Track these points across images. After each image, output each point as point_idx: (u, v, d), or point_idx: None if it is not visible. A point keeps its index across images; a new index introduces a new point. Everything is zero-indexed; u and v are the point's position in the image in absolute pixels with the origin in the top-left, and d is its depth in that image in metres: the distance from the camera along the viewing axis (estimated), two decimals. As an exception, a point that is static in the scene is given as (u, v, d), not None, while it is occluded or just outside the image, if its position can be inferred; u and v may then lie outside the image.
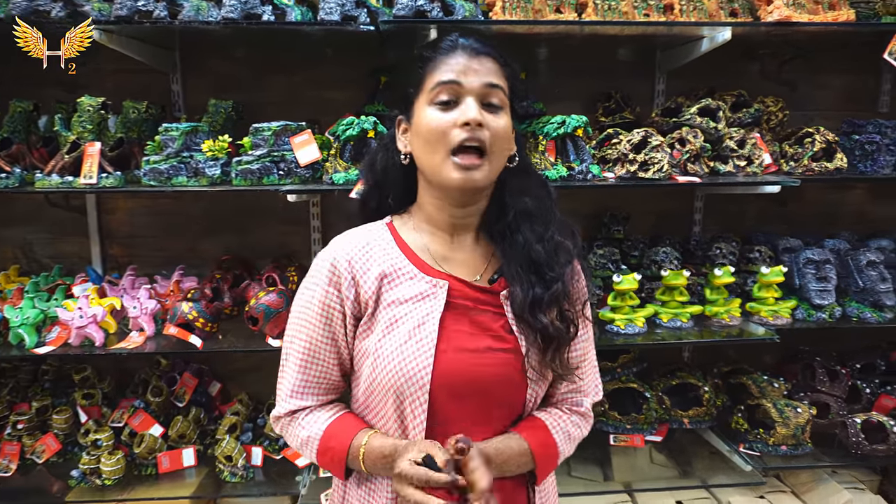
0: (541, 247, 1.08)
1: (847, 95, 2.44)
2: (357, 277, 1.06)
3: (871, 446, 2.17)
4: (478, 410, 1.07)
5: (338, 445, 1.06)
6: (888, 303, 2.09)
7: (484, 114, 1.01)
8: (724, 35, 1.86)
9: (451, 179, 1.01)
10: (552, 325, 1.06)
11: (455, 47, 1.04)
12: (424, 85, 1.04)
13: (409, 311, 1.05)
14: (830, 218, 2.54)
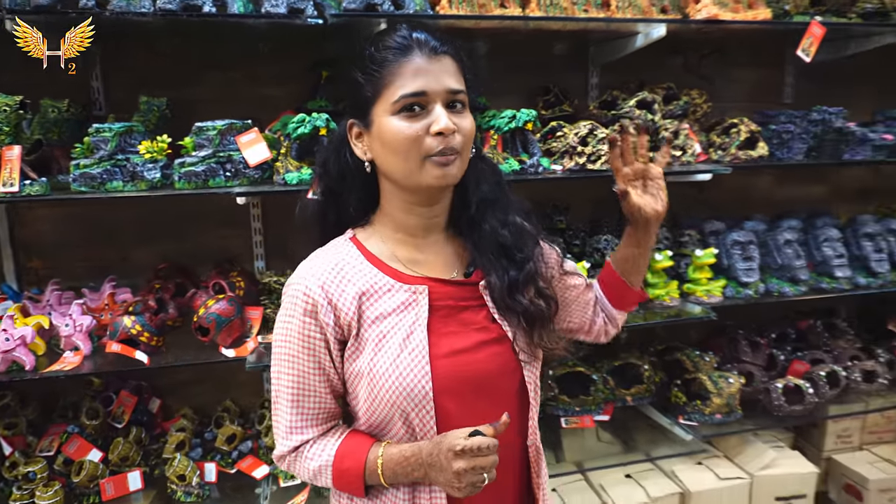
0: (506, 231, 1.08)
1: (756, 88, 2.64)
2: (334, 301, 1.01)
3: (791, 407, 2.38)
4: (482, 405, 1.06)
5: (353, 465, 1.03)
6: (802, 277, 2.30)
7: (452, 117, 0.98)
8: (660, 31, 1.97)
9: (429, 180, 0.99)
10: (532, 305, 1.07)
11: (411, 47, 0.98)
12: (384, 94, 0.98)
13: (395, 324, 1.03)
14: (744, 202, 2.75)
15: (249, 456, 2.15)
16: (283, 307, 1.05)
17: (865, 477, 2.51)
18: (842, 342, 2.69)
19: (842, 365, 2.53)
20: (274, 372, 1.07)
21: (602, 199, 2.56)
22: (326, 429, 1.09)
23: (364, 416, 1.07)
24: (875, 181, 2.88)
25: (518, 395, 1.12)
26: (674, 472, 2.36)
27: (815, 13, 2.09)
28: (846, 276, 2.34)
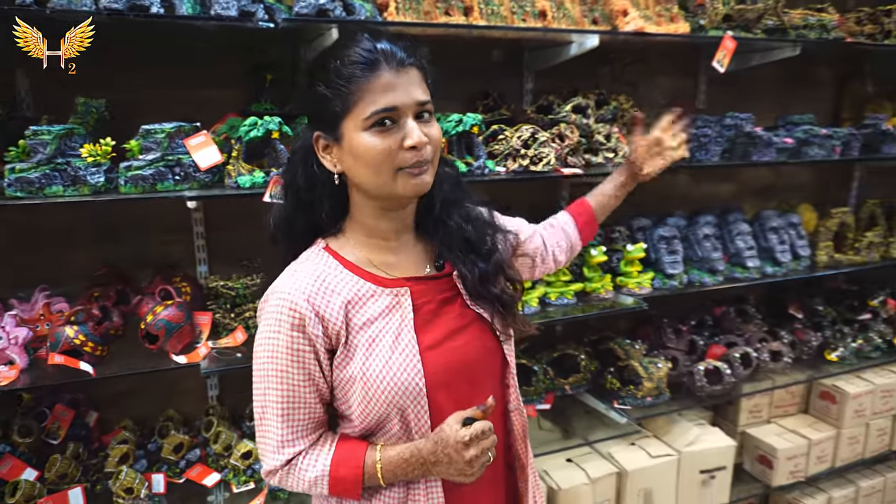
0: (470, 226, 1.17)
1: (673, 94, 2.85)
2: (321, 313, 1.04)
3: (712, 387, 2.60)
4: (469, 388, 1.14)
5: (350, 472, 1.07)
6: (719, 268, 2.52)
7: (422, 128, 1.01)
8: (593, 42, 2.10)
9: (404, 190, 1.03)
10: (504, 292, 1.17)
11: (378, 61, 0.99)
12: (354, 110, 0.99)
13: (382, 327, 1.07)
14: (664, 199, 2.96)
15: (198, 464, 2.10)
16: (265, 322, 1.06)
17: (774, 447, 2.78)
18: (751, 326, 2.95)
19: (752, 347, 2.78)
20: (259, 388, 1.07)
21: (541, 201, 2.69)
22: (316, 438, 1.12)
23: (359, 418, 1.10)
24: (776, 180, 3.18)
25: (500, 371, 1.19)
26: (610, 453, 2.52)
27: (727, 28, 2.29)
28: (756, 266, 2.58)
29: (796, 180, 3.23)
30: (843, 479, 3.01)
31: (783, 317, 3.11)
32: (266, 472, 1.11)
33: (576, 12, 2.19)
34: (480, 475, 1.05)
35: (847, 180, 3.34)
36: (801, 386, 2.97)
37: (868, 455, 3.02)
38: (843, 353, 2.92)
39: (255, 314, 2.02)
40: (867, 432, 2.98)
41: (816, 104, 3.16)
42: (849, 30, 2.58)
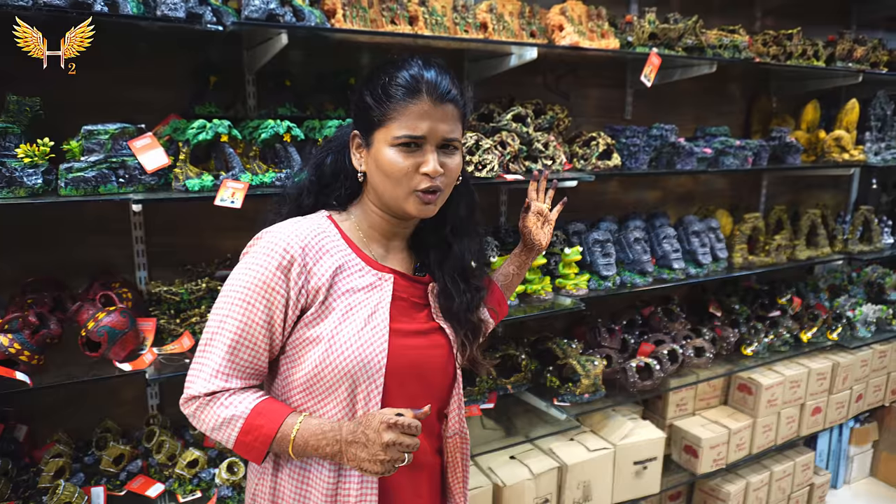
0: (470, 257, 1.24)
1: (603, 105, 3.02)
2: (310, 266, 1.09)
3: (643, 383, 2.76)
4: (418, 389, 1.20)
5: (267, 424, 1.07)
6: (649, 269, 2.69)
7: (441, 157, 1.10)
8: (532, 54, 2.21)
9: (411, 210, 1.12)
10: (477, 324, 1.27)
11: (420, 91, 1.07)
12: (388, 126, 1.08)
13: (362, 301, 1.13)
14: (596, 205, 3.13)
15: (140, 476, 2.04)
16: (252, 255, 1.09)
17: (699, 437, 2.97)
18: (677, 325, 3.14)
19: (678, 344, 2.96)
20: (218, 314, 1.09)
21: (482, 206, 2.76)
22: (248, 385, 1.13)
23: (301, 383, 1.12)
24: (696, 187, 3.42)
25: (447, 388, 1.27)
26: (551, 449, 2.62)
27: (652, 45, 2.47)
28: (681, 267, 2.76)
29: (714, 187, 3.48)
30: (758, 464, 3.25)
31: (704, 315, 3.33)
32: (185, 398, 1.10)
33: (515, 26, 2.30)
34: (388, 473, 1.02)
35: (757, 188, 3.63)
36: (722, 379, 3.19)
37: (780, 441, 3.27)
38: (757, 347, 3.16)
39: (200, 319, 1.99)
40: (779, 420, 3.23)
41: (730, 118, 3.43)
42: (757, 50, 2.83)
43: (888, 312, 3.57)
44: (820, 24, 3.56)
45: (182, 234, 2.23)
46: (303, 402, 1.14)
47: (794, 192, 3.78)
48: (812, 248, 3.29)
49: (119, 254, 2.16)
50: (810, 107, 3.32)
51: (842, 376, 3.37)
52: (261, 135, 1.84)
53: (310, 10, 1.86)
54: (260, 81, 2.22)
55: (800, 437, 3.38)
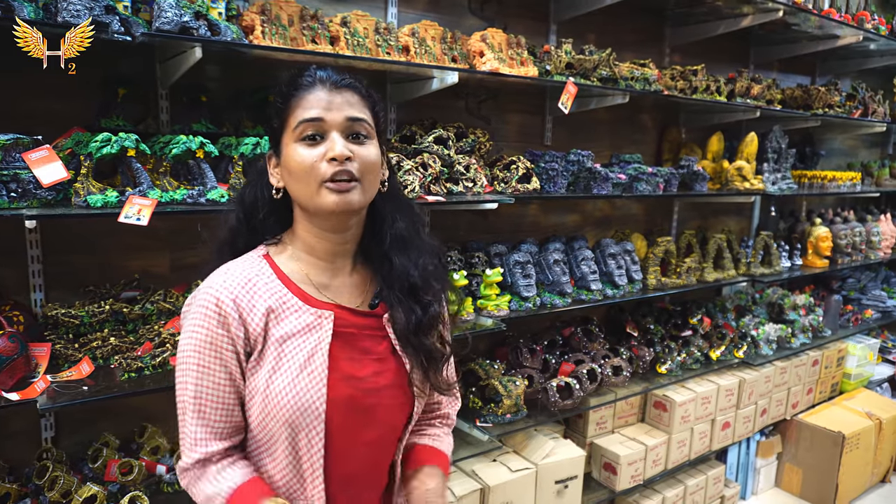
0: (416, 272, 1.15)
1: (524, 130, 3.10)
2: (244, 315, 1.05)
3: (563, 402, 2.81)
4: (368, 432, 1.13)
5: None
6: (568, 291, 2.75)
7: (351, 146, 1.05)
8: (453, 78, 2.25)
9: (327, 204, 1.04)
10: (434, 346, 1.16)
11: (314, 82, 1.06)
12: (288, 123, 1.06)
13: (297, 345, 1.07)
14: (517, 227, 3.19)
15: (28, 517, 1.87)
16: (192, 316, 1.06)
17: (617, 454, 3.04)
18: (596, 345, 3.23)
19: (597, 363, 3.04)
20: (179, 383, 1.06)
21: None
22: (234, 443, 1.10)
23: (252, 434, 1.11)
24: (612, 211, 3.56)
25: (403, 426, 1.20)
26: (474, 471, 2.61)
27: (569, 75, 2.57)
28: (599, 288, 2.85)
29: (629, 212, 3.63)
30: (674, 479, 3.36)
31: (622, 335, 3.44)
32: (180, 469, 1.08)
33: (437, 50, 2.34)
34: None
35: (669, 213, 3.82)
36: (639, 397, 3.30)
37: (693, 456, 3.40)
38: (671, 366, 3.29)
39: (102, 343, 1.87)
40: (692, 436, 3.36)
41: (643, 146, 3.60)
42: (665, 84, 3.01)
43: (787, 331, 3.81)
44: (722, 63, 3.82)
45: (84, 254, 2.10)
46: (254, 450, 1.13)
47: (702, 217, 4.00)
48: (719, 271, 3.48)
49: (12, 274, 2.01)
50: (715, 138, 3.54)
51: (748, 392, 3.56)
52: (172, 150, 1.77)
53: (226, 25, 1.82)
54: (174, 96, 2.15)
55: (711, 451, 3.53)
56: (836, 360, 4.18)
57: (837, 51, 4.03)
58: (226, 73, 2.25)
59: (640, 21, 3.43)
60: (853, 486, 3.88)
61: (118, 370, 1.82)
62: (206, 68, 2.19)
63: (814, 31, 3.73)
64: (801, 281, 4.65)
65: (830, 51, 3.97)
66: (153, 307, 2.01)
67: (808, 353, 3.96)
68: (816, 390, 4.10)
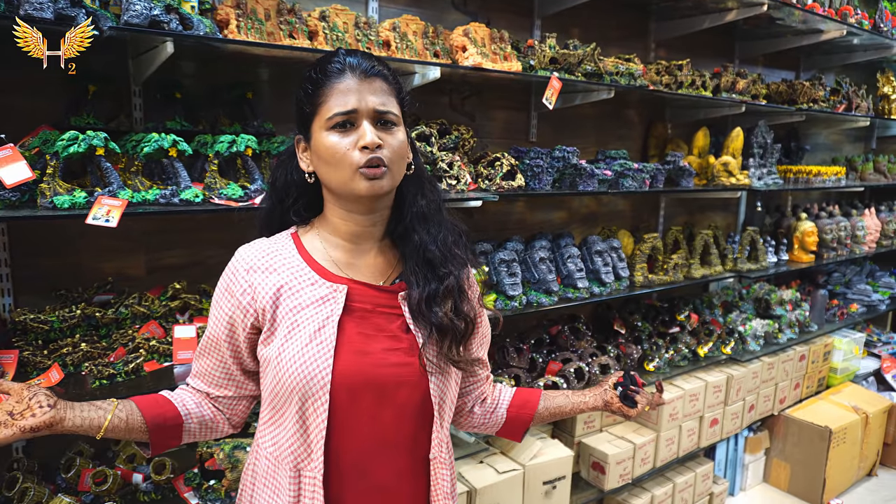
0: (434, 247, 1.17)
1: (509, 126, 3.06)
2: (255, 286, 1.13)
3: (551, 401, 2.77)
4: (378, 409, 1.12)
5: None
6: (554, 289, 2.72)
7: (380, 133, 1.09)
8: (435, 73, 2.20)
9: (360, 189, 1.08)
10: (446, 317, 1.14)
11: (344, 69, 1.09)
12: (320, 112, 1.09)
13: (310, 316, 1.11)
14: (503, 224, 3.15)
15: (-2, 530, 1.81)
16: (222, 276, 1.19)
17: (605, 453, 3.01)
18: (583, 343, 3.20)
19: (585, 362, 3.01)
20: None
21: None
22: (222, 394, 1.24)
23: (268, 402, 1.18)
24: (599, 208, 3.53)
25: (420, 405, 1.16)
26: (460, 473, 2.57)
27: (553, 70, 2.53)
28: (585, 286, 2.82)
29: (616, 208, 3.60)
30: (662, 477, 3.34)
31: (609, 332, 3.41)
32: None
33: (418, 45, 2.29)
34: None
35: (656, 209, 3.80)
36: (626, 395, 3.27)
37: (682, 453, 3.38)
38: (659, 363, 3.27)
39: (73, 349, 1.81)
40: (680, 433, 3.35)
41: (629, 142, 3.58)
42: (650, 79, 2.98)
43: (774, 326, 3.80)
44: (707, 58, 3.81)
45: (55, 256, 2.03)
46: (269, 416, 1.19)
47: (688, 213, 3.98)
48: (706, 267, 3.46)
49: (-22, 278, 1.94)
50: (701, 133, 3.52)
51: (735, 388, 3.55)
52: (143, 149, 1.71)
53: (199, 19, 1.76)
54: (147, 93, 2.08)
55: (700, 448, 3.51)
56: (823, 354, 4.19)
57: (821, 45, 4.03)
58: (202, 69, 2.18)
59: (624, 16, 3.40)
60: (840, 481, 3.88)
61: (89, 377, 1.76)
62: (180, 64, 2.12)
63: (798, 26, 3.72)
64: (787, 276, 4.65)
65: (814, 45, 3.97)
66: (127, 311, 1.95)
67: (795, 348, 3.96)
68: (804, 385, 4.10)
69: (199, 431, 1.22)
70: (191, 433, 1.21)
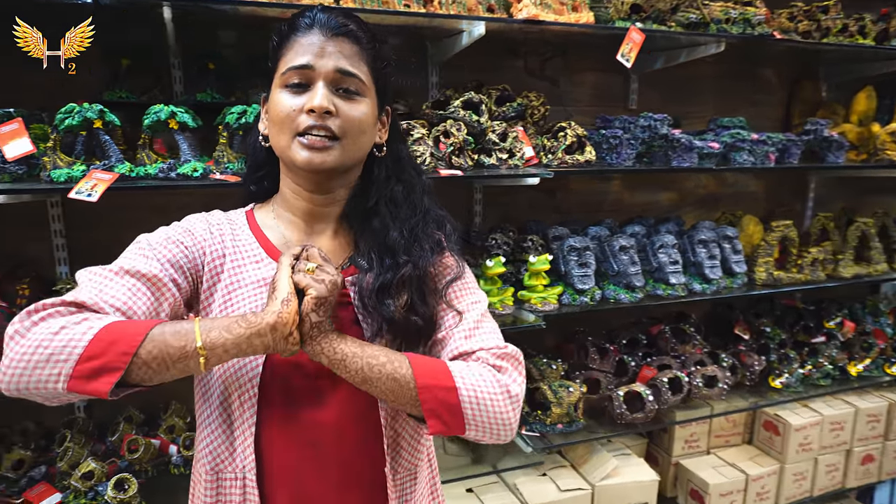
0: (398, 233, 1.03)
1: (602, 92, 2.64)
2: (204, 245, 1.01)
3: (632, 415, 2.37)
4: (319, 412, 0.98)
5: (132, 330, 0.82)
6: (637, 284, 2.29)
7: (336, 100, 0.95)
8: (479, 30, 1.91)
9: (298, 159, 0.96)
10: (398, 313, 0.97)
11: (312, 25, 0.97)
12: (279, 66, 0.98)
13: (248, 296, 0.99)
14: (594, 205, 2.75)
15: (42, 483, 1.92)
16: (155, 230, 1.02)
17: (706, 481, 2.53)
18: (688, 347, 2.71)
19: (687, 370, 2.54)
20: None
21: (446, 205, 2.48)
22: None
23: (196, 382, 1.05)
24: (719, 188, 2.95)
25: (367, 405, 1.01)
26: (516, 484, 2.30)
27: (635, 19, 2.08)
28: (680, 282, 2.34)
29: (745, 189, 2.99)
30: (787, 518, 2.75)
31: (728, 337, 2.87)
32: (25, 311, 0.83)
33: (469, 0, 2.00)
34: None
35: (803, 191, 3.09)
36: (744, 414, 2.73)
37: (817, 493, 2.76)
38: (789, 379, 2.67)
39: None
40: (815, 468, 2.73)
41: (766, 109, 2.93)
42: (780, 26, 2.35)
43: (969, 345, 2.94)
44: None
45: (104, 228, 2.09)
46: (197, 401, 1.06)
47: (847, 197, 3.18)
48: (862, 265, 2.74)
49: (39, 248, 2.06)
50: (862, 96, 2.75)
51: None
52: (144, 121, 1.66)
53: (201, -19, 1.65)
54: (187, 64, 2.05)
55: (846, 489, 2.85)
56: None
57: None
58: (241, 38, 2.11)
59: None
60: None
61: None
62: (219, 35, 2.07)
63: None
64: None
65: None
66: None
67: None
68: None
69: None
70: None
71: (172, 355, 0.83)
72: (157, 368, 0.82)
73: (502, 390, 0.94)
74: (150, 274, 0.93)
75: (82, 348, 0.79)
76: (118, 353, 0.80)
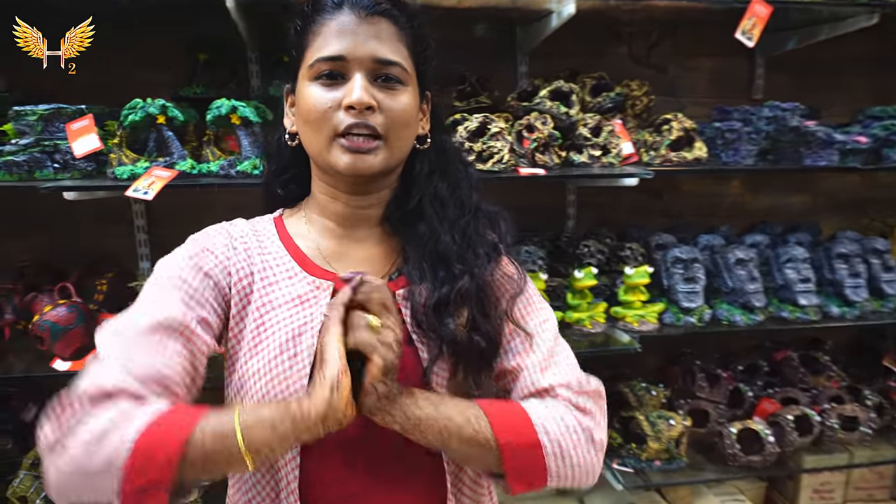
0: (450, 237, 0.89)
1: (721, 80, 2.29)
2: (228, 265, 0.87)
3: (747, 457, 2.02)
4: (371, 445, 0.84)
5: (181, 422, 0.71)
6: (757, 304, 1.94)
7: (376, 92, 0.82)
8: (570, 9, 1.67)
9: (339, 164, 0.83)
10: (460, 333, 0.84)
11: (341, 4, 0.83)
12: (306, 55, 0.85)
13: (283, 319, 0.85)
14: (708, 210, 2.41)
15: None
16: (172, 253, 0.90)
17: (840, 543, 2.13)
18: (822, 379, 2.30)
19: (819, 407, 2.14)
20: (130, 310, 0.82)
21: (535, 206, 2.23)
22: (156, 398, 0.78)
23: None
24: (869, 191, 2.47)
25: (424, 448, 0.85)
26: (603, 526, 2.04)
27: (763, -12, 1.75)
28: (812, 304, 1.96)
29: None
30: None
31: (875, 369, 2.40)
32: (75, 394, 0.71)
33: (561, -24, 1.77)
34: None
35: None
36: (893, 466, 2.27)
37: None
38: (954, 426, 2.18)
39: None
40: None
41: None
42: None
43: None
44: None
45: (187, 223, 2.08)
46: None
47: None
48: None
49: (122, 243, 2.09)
50: None
51: None
52: (207, 116, 1.60)
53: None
54: (264, 58, 2.00)
55: None
56: None
57: None
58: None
59: None
60: None
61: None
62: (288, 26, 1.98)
63: None
64: None
65: None
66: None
67: None
68: None
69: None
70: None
71: (219, 462, 0.71)
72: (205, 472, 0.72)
73: (587, 437, 0.82)
74: (175, 324, 0.79)
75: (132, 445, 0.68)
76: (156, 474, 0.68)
